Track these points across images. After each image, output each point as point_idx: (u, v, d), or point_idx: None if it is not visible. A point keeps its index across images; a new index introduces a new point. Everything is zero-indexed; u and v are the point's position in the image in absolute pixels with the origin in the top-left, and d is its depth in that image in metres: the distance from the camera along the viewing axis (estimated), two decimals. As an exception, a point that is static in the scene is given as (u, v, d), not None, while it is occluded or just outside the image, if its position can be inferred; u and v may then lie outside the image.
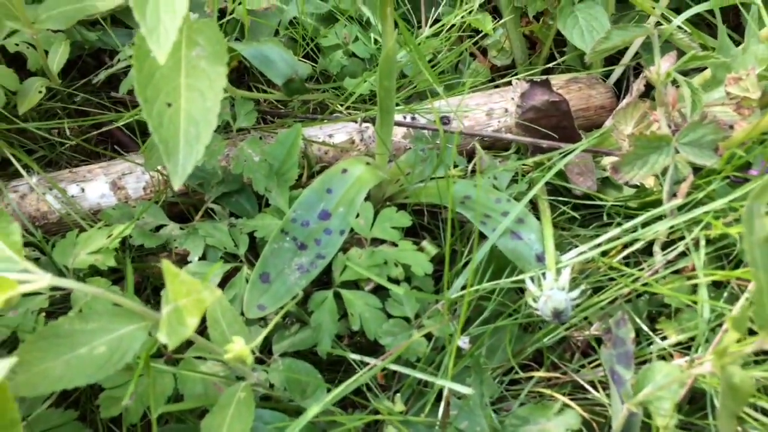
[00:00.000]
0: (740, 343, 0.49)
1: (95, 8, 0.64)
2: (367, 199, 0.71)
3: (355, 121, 0.78)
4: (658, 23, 0.77)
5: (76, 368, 0.48)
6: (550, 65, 0.90)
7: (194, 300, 0.41)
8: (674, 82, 0.70)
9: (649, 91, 0.80)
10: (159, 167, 0.72)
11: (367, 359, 0.62)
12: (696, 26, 0.87)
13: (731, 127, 0.67)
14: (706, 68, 0.80)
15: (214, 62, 0.51)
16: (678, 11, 0.93)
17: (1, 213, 0.44)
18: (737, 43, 0.80)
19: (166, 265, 0.44)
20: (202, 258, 0.68)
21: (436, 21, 0.90)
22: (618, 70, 0.89)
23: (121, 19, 0.88)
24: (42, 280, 0.45)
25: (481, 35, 0.89)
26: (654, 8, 0.78)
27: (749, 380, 0.46)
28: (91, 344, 0.49)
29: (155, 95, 0.48)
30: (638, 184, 0.74)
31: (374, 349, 0.69)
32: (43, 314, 0.62)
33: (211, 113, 0.49)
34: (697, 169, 0.66)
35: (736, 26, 0.99)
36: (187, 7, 0.44)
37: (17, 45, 0.72)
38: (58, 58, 0.72)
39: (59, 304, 0.69)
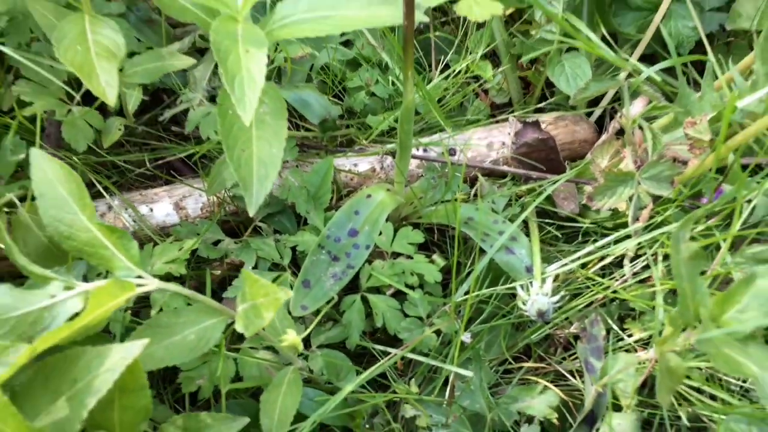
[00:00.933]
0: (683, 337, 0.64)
1: (173, 66, 0.79)
2: (387, 219, 0.86)
3: (378, 154, 0.93)
4: (630, 74, 0.92)
5: (173, 351, 0.63)
6: (542, 105, 1.05)
7: (272, 299, 0.56)
8: (641, 126, 0.86)
9: (623, 129, 0.95)
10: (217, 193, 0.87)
11: (388, 350, 0.77)
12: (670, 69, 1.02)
13: (684, 163, 0.82)
14: (672, 109, 0.95)
15: (277, 117, 0.66)
16: (652, 57, 1.08)
17: (124, 234, 0.59)
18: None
19: (246, 273, 0.59)
20: (254, 267, 0.83)
21: (446, 66, 1.05)
22: (598, 111, 1.04)
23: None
24: (152, 284, 0.61)
25: (484, 80, 1.04)
26: (627, 60, 0.93)
27: (682, 364, 0.61)
28: (183, 333, 0.63)
29: (234, 143, 0.63)
30: (611, 209, 0.89)
31: (392, 343, 0.84)
32: (129, 311, 0.77)
33: (276, 157, 0.64)
34: (656, 198, 0.81)
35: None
36: (263, 82, 0.59)
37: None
38: (132, 101, 0.87)
39: (136, 303, 0.84)
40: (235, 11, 0.64)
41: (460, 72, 1.01)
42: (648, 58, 1.06)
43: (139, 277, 0.60)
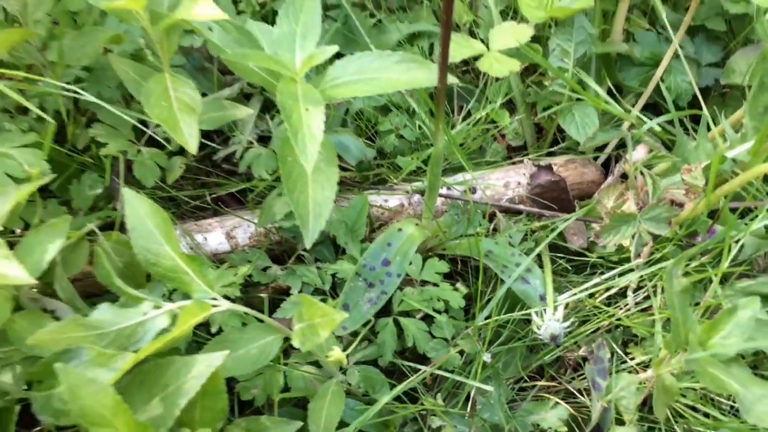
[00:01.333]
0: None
1: (234, 116, 0.91)
2: (416, 251, 0.96)
3: (408, 192, 1.04)
4: (633, 125, 1.04)
5: (239, 363, 0.73)
6: (554, 149, 1.16)
7: (328, 319, 0.66)
8: (643, 172, 0.96)
9: (627, 173, 1.06)
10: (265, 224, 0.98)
11: (418, 366, 0.87)
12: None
13: (681, 206, 0.93)
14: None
15: (329, 164, 0.77)
16: (654, 107, 1.20)
17: (203, 262, 0.70)
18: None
19: (305, 297, 0.70)
20: (299, 292, 0.94)
21: (468, 113, 1.17)
22: (604, 156, 1.15)
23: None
24: (224, 305, 0.71)
25: (502, 126, 1.16)
26: (629, 113, 1.05)
27: (675, 383, 0.71)
28: (247, 348, 0.74)
29: (294, 187, 0.75)
30: (615, 245, 0.99)
31: (420, 361, 0.94)
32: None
33: (329, 199, 0.75)
34: (656, 237, 0.92)
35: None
36: (322, 137, 0.71)
37: (164, 132, 0.99)
38: (192, 142, 0.99)
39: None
40: (294, 73, 0.76)
41: (480, 119, 1.13)
42: (651, 107, 1.17)
43: (214, 299, 0.71)
